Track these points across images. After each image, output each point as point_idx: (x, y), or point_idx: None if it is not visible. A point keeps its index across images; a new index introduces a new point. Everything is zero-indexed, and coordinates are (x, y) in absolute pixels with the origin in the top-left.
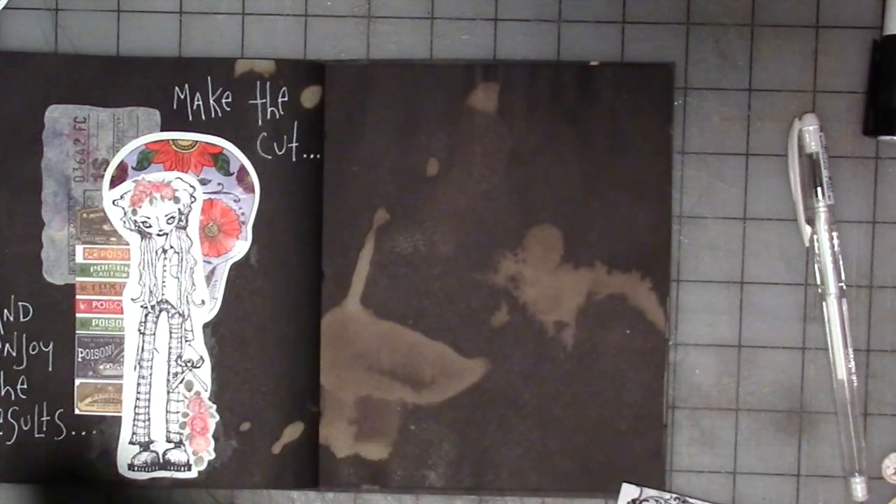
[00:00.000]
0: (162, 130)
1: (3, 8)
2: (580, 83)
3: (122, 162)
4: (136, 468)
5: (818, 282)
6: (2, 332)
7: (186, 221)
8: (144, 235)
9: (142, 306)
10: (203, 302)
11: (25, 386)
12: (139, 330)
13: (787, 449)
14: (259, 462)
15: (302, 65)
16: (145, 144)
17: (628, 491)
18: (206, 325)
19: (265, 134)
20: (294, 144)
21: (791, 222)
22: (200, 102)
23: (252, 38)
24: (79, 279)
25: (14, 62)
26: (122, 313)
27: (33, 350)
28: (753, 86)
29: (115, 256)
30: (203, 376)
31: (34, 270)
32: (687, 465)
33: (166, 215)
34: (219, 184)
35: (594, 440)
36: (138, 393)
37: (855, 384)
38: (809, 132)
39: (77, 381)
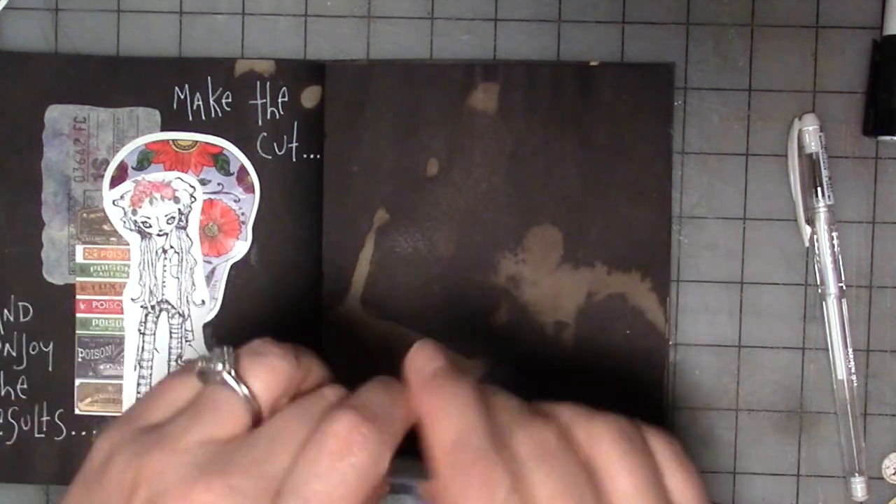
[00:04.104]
0: (162, 130)
1: (3, 8)
2: (580, 83)
3: (122, 162)
4: None
5: (818, 282)
6: (2, 332)
7: (186, 221)
8: (144, 235)
9: (142, 306)
10: (203, 302)
11: (25, 386)
12: (139, 330)
13: (787, 449)
14: None
15: (302, 65)
16: (145, 144)
17: None
18: (206, 325)
19: (265, 134)
20: (294, 144)
21: (791, 222)
22: (200, 102)
23: (252, 38)
24: (79, 279)
25: (14, 62)
26: (122, 313)
27: (33, 350)
28: (753, 86)
29: (115, 256)
30: None
31: (34, 270)
32: None
33: (166, 215)
34: (219, 184)
35: None
36: (138, 393)
37: (855, 384)
38: (809, 132)
39: (77, 381)
